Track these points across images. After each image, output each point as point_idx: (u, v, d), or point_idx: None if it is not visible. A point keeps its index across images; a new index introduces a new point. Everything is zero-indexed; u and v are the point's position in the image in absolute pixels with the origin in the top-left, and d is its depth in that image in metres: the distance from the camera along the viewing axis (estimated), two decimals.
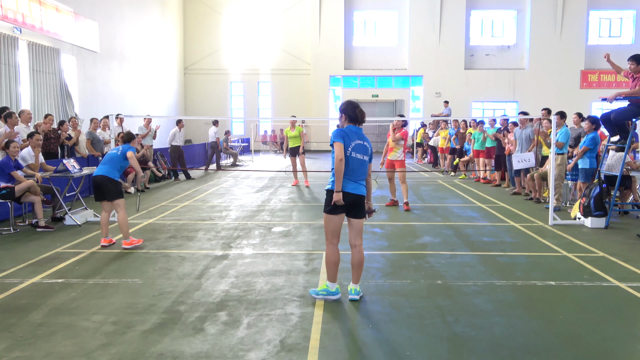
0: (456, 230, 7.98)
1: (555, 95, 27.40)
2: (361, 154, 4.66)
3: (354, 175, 4.66)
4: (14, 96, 13.96)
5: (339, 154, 4.53)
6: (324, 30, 29.16)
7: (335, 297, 4.79)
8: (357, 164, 4.66)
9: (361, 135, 4.72)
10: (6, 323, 4.25)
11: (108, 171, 6.78)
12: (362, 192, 4.72)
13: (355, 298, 4.80)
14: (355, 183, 4.68)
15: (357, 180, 4.70)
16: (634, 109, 8.11)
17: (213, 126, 18.47)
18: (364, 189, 4.76)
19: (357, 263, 4.84)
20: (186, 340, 3.95)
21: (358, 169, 4.68)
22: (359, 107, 4.80)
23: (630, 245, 7.06)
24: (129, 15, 22.35)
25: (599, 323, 4.34)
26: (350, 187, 4.64)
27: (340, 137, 4.61)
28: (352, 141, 4.63)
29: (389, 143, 10.14)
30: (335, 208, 4.62)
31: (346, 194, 4.60)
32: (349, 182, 4.63)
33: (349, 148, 4.60)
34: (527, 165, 10.31)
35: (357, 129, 4.73)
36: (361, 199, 4.72)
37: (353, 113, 4.76)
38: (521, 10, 29.06)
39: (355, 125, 4.76)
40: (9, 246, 6.95)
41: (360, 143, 4.67)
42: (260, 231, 7.88)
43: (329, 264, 4.80)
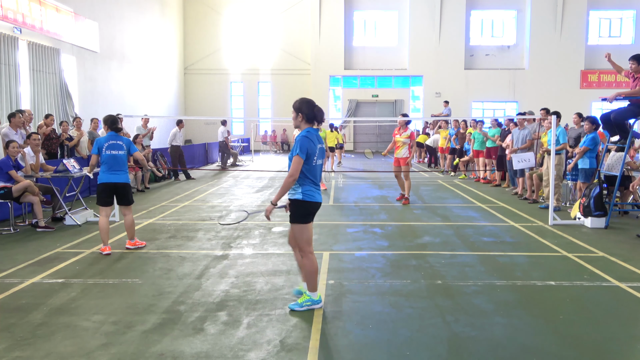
0: (456, 230, 7.97)
1: (555, 95, 27.40)
2: (321, 159, 4.48)
3: (318, 181, 4.51)
4: (14, 96, 13.96)
5: (295, 172, 4.28)
6: (324, 30, 29.16)
7: (320, 305, 4.57)
8: (319, 170, 4.51)
9: (319, 137, 4.48)
10: (6, 323, 4.25)
11: (127, 177, 6.59)
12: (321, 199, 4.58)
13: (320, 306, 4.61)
14: (317, 190, 4.51)
15: (319, 186, 4.54)
16: (634, 109, 8.11)
17: (222, 126, 18.68)
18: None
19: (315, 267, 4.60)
20: (186, 340, 3.95)
21: (320, 174, 4.53)
22: (317, 106, 4.50)
23: (630, 245, 7.06)
24: (129, 15, 22.35)
25: (599, 323, 4.34)
26: (319, 197, 4.51)
27: (305, 150, 4.28)
28: (316, 147, 4.38)
29: (395, 141, 10.55)
30: (308, 217, 4.45)
31: (317, 203, 4.46)
32: (316, 190, 4.46)
33: (315, 156, 4.36)
34: (527, 165, 10.31)
35: (316, 131, 4.46)
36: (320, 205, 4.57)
37: (311, 112, 4.43)
38: (521, 10, 29.06)
39: (313, 126, 4.46)
40: (9, 246, 6.95)
41: (321, 147, 4.45)
42: (260, 231, 7.88)
43: (310, 273, 4.50)
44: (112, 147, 6.51)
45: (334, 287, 5.19)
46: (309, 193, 4.40)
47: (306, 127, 4.42)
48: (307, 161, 4.33)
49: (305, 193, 4.38)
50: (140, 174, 12.67)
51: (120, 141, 6.56)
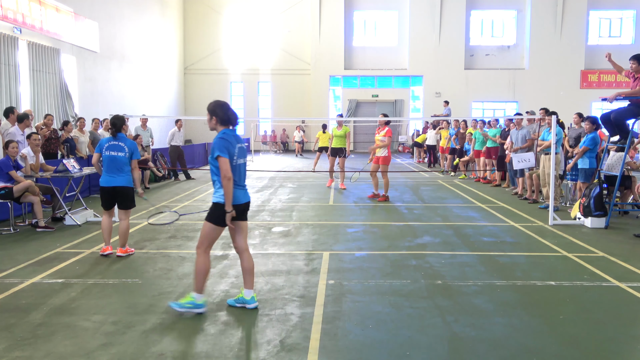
0: (456, 230, 7.97)
1: (555, 95, 27.39)
2: (243, 158, 4.50)
3: (242, 181, 4.51)
4: (14, 96, 13.96)
5: (227, 172, 4.24)
6: (324, 30, 29.16)
7: (201, 309, 4.44)
8: (243, 169, 4.53)
9: (238, 137, 4.48)
10: (6, 323, 4.25)
11: (129, 180, 6.44)
12: (249, 198, 4.60)
13: (256, 305, 4.56)
14: (243, 190, 4.52)
15: (244, 186, 4.55)
16: (634, 109, 8.11)
17: None
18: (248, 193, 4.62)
19: (250, 268, 4.61)
20: (186, 340, 3.95)
21: (244, 174, 4.54)
22: (231, 108, 4.49)
23: (630, 245, 7.06)
24: (129, 15, 22.34)
25: (599, 323, 4.34)
26: (241, 197, 4.46)
27: (224, 149, 4.28)
28: (235, 147, 4.37)
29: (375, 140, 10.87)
30: (224, 220, 4.35)
31: (238, 205, 4.40)
32: (239, 190, 4.43)
33: (235, 156, 4.36)
34: (527, 165, 10.31)
35: (234, 132, 4.46)
36: (248, 204, 4.60)
37: (225, 115, 4.42)
38: (521, 10, 29.06)
39: (229, 127, 4.45)
40: (9, 246, 6.95)
41: (241, 146, 4.46)
42: (260, 231, 7.88)
43: (201, 272, 4.42)
44: (112, 148, 6.31)
45: (334, 287, 5.19)
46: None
47: (222, 129, 4.42)
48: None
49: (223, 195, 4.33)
50: (140, 174, 12.66)
51: (123, 143, 6.36)
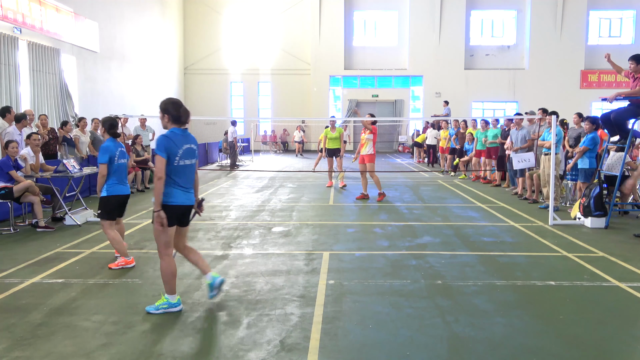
0: (456, 230, 7.97)
1: (555, 95, 27.39)
2: (190, 159, 4.40)
3: (187, 183, 4.41)
4: (14, 96, 13.95)
5: (159, 172, 4.20)
6: (324, 30, 29.15)
7: (177, 308, 4.47)
8: (189, 171, 4.41)
9: (188, 137, 4.41)
10: (6, 323, 4.25)
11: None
12: (192, 201, 4.50)
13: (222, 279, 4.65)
14: (187, 193, 4.42)
15: (189, 189, 4.45)
16: (634, 109, 8.11)
17: (232, 126, 18.91)
18: (193, 196, 4.53)
19: (196, 256, 4.70)
20: (186, 340, 3.95)
21: (190, 176, 4.43)
22: (183, 106, 4.41)
23: (630, 245, 7.06)
24: (129, 15, 22.34)
25: (599, 323, 4.34)
26: (183, 199, 4.39)
27: (164, 149, 4.22)
28: (180, 148, 4.29)
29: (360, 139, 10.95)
30: (169, 219, 4.31)
31: (179, 207, 4.35)
32: (181, 192, 4.36)
33: (177, 157, 4.27)
34: (527, 165, 10.31)
35: (182, 132, 4.37)
36: (191, 207, 4.52)
37: (177, 112, 4.35)
38: (521, 10, 29.06)
39: (179, 127, 4.37)
40: (9, 246, 6.95)
41: (189, 147, 4.37)
42: (260, 231, 7.88)
43: (167, 275, 4.43)
44: (122, 156, 6.10)
45: (334, 287, 5.19)
46: (170, 196, 4.31)
47: (171, 128, 4.36)
48: (169, 162, 4.25)
49: (165, 195, 4.28)
50: (140, 174, 12.68)
51: (123, 148, 6.20)
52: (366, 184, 11.20)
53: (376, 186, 11.02)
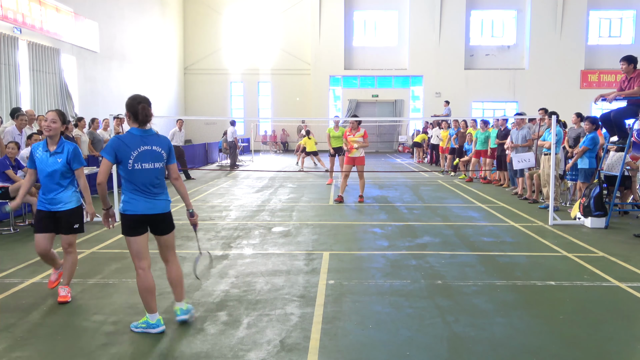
0: (456, 230, 7.97)
1: (555, 95, 27.40)
2: (149, 163, 3.90)
3: (145, 187, 3.92)
4: (14, 96, 13.96)
5: (99, 175, 3.84)
6: (324, 30, 29.16)
7: (157, 330, 4.01)
8: (147, 175, 3.91)
9: (147, 138, 3.91)
10: (6, 323, 4.25)
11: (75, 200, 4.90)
12: (159, 210, 3.99)
13: (185, 318, 4.16)
14: (149, 200, 3.94)
15: (153, 195, 3.95)
16: (633, 109, 8.12)
17: (231, 126, 18.97)
18: (164, 204, 4.03)
19: (174, 279, 4.21)
20: (186, 340, 3.95)
21: (149, 180, 3.92)
22: (142, 103, 3.92)
23: (630, 245, 7.06)
24: (129, 15, 22.35)
25: (599, 323, 4.34)
26: (143, 207, 3.92)
27: (111, 151, 3.83)
28: (133, 150, 3.83)
29: (349, 141, 10.63)
30: (129, 230, 3.95)
31: (139, 216, 3.92)
32: (140, 200, 3.91)
33: (130, 160, 3.83)
34: (527, 165, 10.32)
35: (140, 132, 3.91)
36: (160, 217, 4.03)
37: (134, 110, 3.89)
38: (521, 10, 29.06)
39: (139, 127, 3.93)
40: (9, 246, 6.95)
41: (147, 149, 3.88)
42: (260, 231, 7.88)
43: (141, 292, 4.04)
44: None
45: (334, 287, 5.18)
46: (127, 203, 3.94)
47: (130, 128, 3.97)
48: (122, 165, 3.88)
49: (123, 202, 3.96)
50: None
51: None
52: (345, 186, 11.00)
53: (360, 188, 10.85)
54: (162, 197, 4.06)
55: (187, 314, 4.18)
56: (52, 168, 4.64)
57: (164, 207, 4.05)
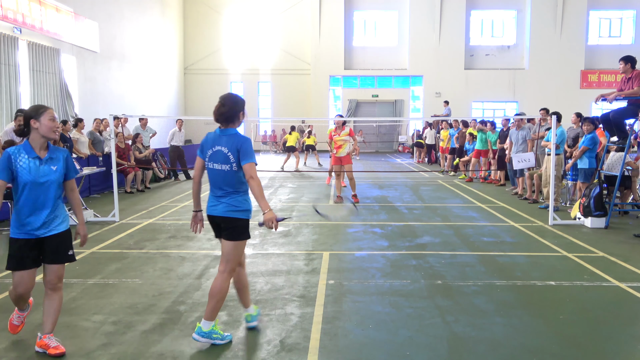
0: (456, 230, 7.97)
1: (555, 95, 27.40)
2: (217, 164, 3.81)
3: (213, 187, 3.90)
4: (14, 96, 13.96)
5: (194, 172, 3.99)
6: (324, 30, 29.16)
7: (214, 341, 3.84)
8: (216, 175, 3.84)
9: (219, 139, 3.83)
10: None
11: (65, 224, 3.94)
12: (217, 213, 3.83)
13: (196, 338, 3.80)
14: (213, 199, 3.90)
15: (217, 197, 3.87)
16: (633, 109, 8.12)
17: None
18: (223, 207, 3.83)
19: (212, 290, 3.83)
20: (186, 340, 3.94)
21: (215, 180, 3.86)
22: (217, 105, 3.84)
23: (630, 245, 7.06)
24: (129, 15, 22.34)
25: (598, 323, 4.34)
26: (208, 206, 3.93)
27: (200, 147, 3.92)
28: (208, 149, 3.86)
29: (335, 141, 10.58)
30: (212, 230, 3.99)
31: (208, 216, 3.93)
32: (210, 199, 3.93)
33: (206, 158, 3.86)
34: (527, 165, 10.30)
35: (219, 132, 3.87)
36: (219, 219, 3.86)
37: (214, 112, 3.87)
38: (521, 10, 29.07)
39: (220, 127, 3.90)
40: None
41: (218, 150, 3.80)
42: (260, 231, 7.88)
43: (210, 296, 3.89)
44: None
45: (334, 287, 5.18)
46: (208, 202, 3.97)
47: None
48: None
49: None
50: (141, 174, 12.69)
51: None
52: (340, 186, 10.96)
53: (351, 188, 10.82)
54: (224, 201, 3.83)
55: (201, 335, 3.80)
56: (45, 179, 3.65)
57: (221, 211, 3.83)
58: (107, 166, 10.82)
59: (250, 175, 3.78)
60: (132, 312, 4.50)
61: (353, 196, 10.71)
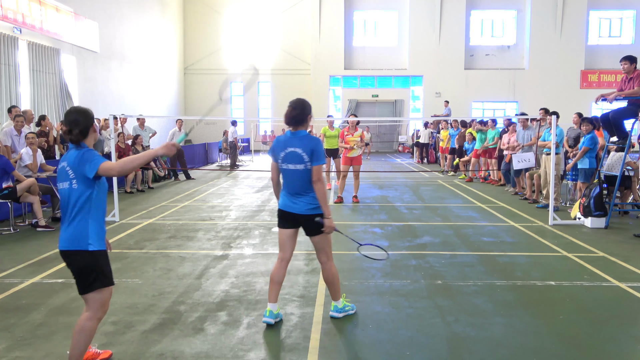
0: (456, 230, 7.97)
1: (555, 95, 27.39)
2: (292, 164, 4.05)
3: (286, 186, 4.16)
4: (14, 96, 13.96)
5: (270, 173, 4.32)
6: (324, 30, 29.15)
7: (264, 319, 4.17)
8: (290, 175, 4.09)
9: (290, 140, 4.08)
10: (6, 323, 4.25)
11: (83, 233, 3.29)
12: (297, 211, 4.09)
13: (335, 315, 4.34)
14: (290, 199, 4.13)
15: (294, 196, 4.10)
16: (633, 109, 8.11)
17: (232, 126, 19.03)
18: (302, 205, 4.08)
19: (325, 279, 4.32)
20: (186, 340, 3.95)
21: (289, 180, 4.11)
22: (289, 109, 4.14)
23: (630, 245, 7.06)
24: (129, 15, 22.34)
25: (599, 323, 4.34)
26: (284, 204, 4.19)
27: (270, 151, 4.26)
28: (281, 151, 4.10)
29: (347, 141, 10.50)
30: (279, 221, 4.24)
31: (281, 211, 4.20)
32: (284, 197, 4.20)
33: (279, 160, 4.13)
34: (527, 165, 10.31)
35: (290, 134, 4.13)
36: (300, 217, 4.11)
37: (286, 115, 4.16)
38: (521, 10, 29.06)
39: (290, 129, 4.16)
40: (9, 246, 6.95)
41: (291, 151, 4.04)
42: (260, 231, 7.88)
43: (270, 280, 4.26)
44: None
45: None
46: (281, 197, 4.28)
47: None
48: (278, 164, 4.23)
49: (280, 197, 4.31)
50: (141, 174, 12.69)
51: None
52: (344, 186, 10.90)
53: (355, 189, 10.79)
54: (302, 199, 4.09)
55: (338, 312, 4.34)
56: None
57: (301, 209, 4.09)
58: None
59: (317, 178, 4.05)
60: (132, 312, 4.50)
61: (354, 197, 10.70)
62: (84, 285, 3.29)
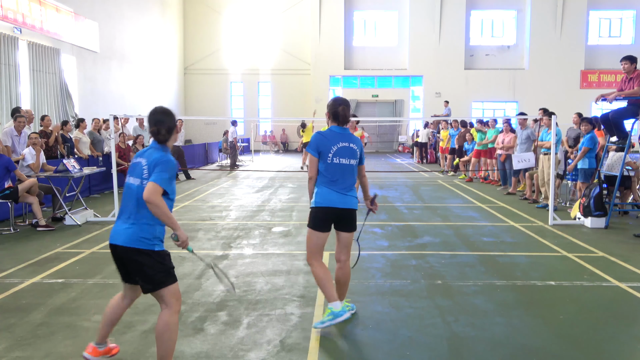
0: (456, 230, 7.97)
1: (555, 95, 27.39)
2: (345, 158, 4.10)
3: (338, 182, 4.10)
4: (14, 96, 13.96)
5: (309, 172, 4.16)
6: (324, 30, 29.16)
7: (345, 315, 4.04)
8: (342, 170, 4.10)
9: (345, 136, 4.15)
10: (6, 323, 4.25)
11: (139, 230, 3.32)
12: (349, 206, 4.13)
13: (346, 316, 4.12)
14: (339, 193, 4.11)
15: (345, 190, 4.13)
16: (633, 109, 8.11)
17: (232, 126, 19.09)
18: (353, 200, 4.15)
19: (342, 279, 4.32)
20: (186, 340, 3.95)
21: (342, 175, 4.10)
22: (342, 105, 4.18)
23: (630, 245, 7.06)
24: (129, 15, 22.35)
25: (599, 323, 4.34)
26: (335, 200, 4.10)
27: (314, 146, 4.09)
28: (332, 145, 4.08)
29: None
30: (319, 223, 4.13)
31: (329, 209, 4.09)
32: (333, 193, 4.09)
33: (330, 154, 4.07)
34: (527, 165, 10.31)
35: (339, 130, 4.16)
36: (348, 212, 4.15)
37: (333, 110, 4.18)
38: (521, 10, 29.07)
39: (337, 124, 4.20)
40: (9, 246, 6.95)
41: (345, 146, 4.10)
42: (260, 231, 7.88)
43: (320, 282, 4.14)
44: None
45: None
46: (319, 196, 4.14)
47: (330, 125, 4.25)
48: (322, 159, 4.11)
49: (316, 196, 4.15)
50: None
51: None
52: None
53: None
54: (352, 194, 4.20)
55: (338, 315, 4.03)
56: None
57: (353, 204, 4.17)
58: (107, 166, 10.82)
59: (364, 174, 4.38)
60: (132, 312, 4.49)
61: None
62: (153, 284, 3.28)
